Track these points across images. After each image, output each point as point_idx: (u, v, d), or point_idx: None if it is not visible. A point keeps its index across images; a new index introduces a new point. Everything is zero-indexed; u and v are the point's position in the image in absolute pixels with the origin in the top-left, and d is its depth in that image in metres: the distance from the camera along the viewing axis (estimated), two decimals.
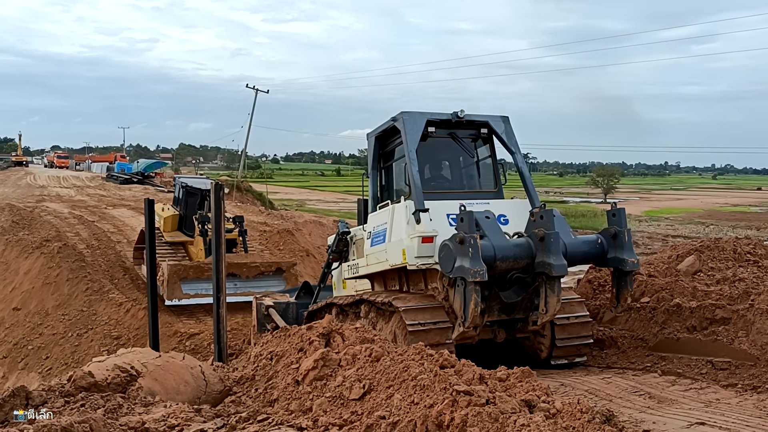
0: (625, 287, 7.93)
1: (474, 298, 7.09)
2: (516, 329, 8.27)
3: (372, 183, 9.63)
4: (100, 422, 4.02)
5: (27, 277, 18.86)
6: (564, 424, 3.70)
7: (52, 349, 16.29)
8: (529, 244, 7.46)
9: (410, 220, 8.13)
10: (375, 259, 8.99)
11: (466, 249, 7.08)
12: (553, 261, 7.23)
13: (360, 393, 5.04)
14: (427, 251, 7.89)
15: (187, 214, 19.44)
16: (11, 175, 61.41)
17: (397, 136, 8.96)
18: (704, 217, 61.38)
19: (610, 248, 7.83)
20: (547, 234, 7.30)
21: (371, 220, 9.34)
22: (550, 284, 7.39)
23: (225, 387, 6.50)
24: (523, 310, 7.94)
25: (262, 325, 11.66)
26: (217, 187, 11.57)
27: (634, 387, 6.94)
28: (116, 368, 5.91)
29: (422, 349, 5.32)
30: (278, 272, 17.72)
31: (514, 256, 7.40)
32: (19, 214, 28.27)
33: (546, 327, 8.20)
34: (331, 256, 10.56)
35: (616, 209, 7.98)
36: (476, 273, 7.00)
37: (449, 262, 7.31)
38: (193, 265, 17.19)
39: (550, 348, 8.34)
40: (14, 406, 5.12)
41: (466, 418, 3.90)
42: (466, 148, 9.22)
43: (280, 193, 69.49)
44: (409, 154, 8.34)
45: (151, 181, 52.28)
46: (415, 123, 8.52)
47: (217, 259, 11.21)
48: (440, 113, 8.78)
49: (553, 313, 7.51)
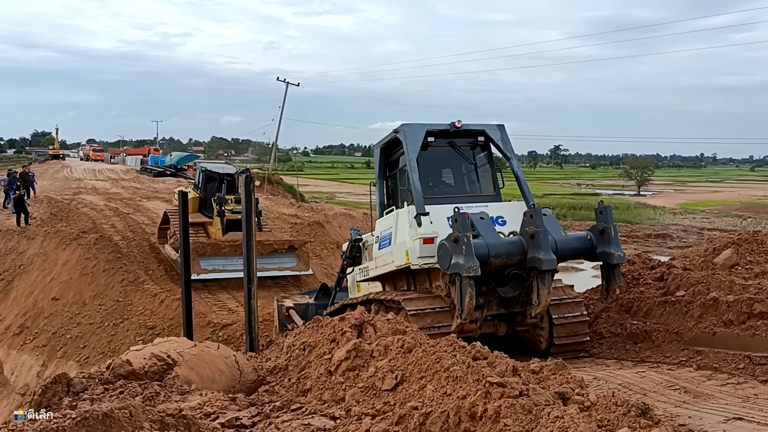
0: (613, 279, 8.39)
1: (468, 292, 7.63)
2: (515, 322, 8.77)
3: (379, 191, 10.32)
4: (139, 409, 4.11)
5: (65, 267, 19.31)
6: (599, 416, 3.68)
7: (89, 339, 16.68)
8: (521, 241, 7.99)
9: (412, 224, 8.73)
10: (383, 261, 9.62)
11: (460, 247, 7.62)
12: (543, 256, 7.75)
13: (392, 384, 5.07)
14: (428, 252, 8.46)
15: (206, 196, 20.57)
16: (49, 168, 62.78)
17: (400, 147, 9.49)
18: (741, 209, 60.04)
19: (599, 243, 8.29)
20: (536, 231, 7.83)
21: (379, 225, 10.04)
22: (541, 278, 7.90)
23: (258, 376, 6.59)
24: (520, 304, 8.46)
25: (284, 326, 12.20)
26: (247, 180, 11.70)
27: (669, 381, 6.84)
28: (153, 357, 6.04)
29: (454, 341, 5.33)
30: (291, 249, 19.03)
31: (506, 253, 7.94)
32: (57, 206, 28.97)
33: (544, 320, 8.72)
34: (345, 262, 11.15)
35: (603, 207, 8.44)
36: (470, 268, 7.56)
37: (446, 260, 7.86)
38: (211, 242, 18.58)
39: (548, 340, 8.79)
40: (56, 392, 5.28)
41: (499, 410, 3.90)
42: (464, 156, 9.79)
43: (311, 185, 69.88)
44: (410, 162, 8.88)
45: (183, 173, 52.87)
46: (415, 134, 9.08)
47: (248, 250, 11.35)
48: (439, 124, 9.35)
49: (545, 304, 8.04)
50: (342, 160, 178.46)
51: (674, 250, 32.04)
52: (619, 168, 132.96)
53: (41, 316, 17.87)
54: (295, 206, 33.87)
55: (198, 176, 22.14)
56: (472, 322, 8.26)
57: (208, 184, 20.71)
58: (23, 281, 19.81)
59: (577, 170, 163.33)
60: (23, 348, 17.12)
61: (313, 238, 23.83)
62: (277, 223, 25.55)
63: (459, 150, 9.70)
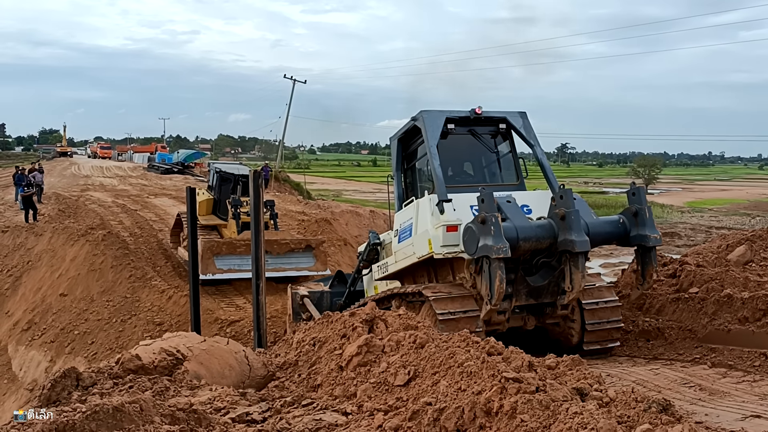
0: (649, 263, 8.02)
1: (498, 275, 7.23)
2: (545, 314, 8.35)
3: (397, 184, 9.95)
4: (149, 403, 4.05)
5: (73, 263, 19.32)
6: (618, 412, 3.60)
7: (97, 335, 16.68)
8: (551, 224, 7.65)
9: (434, 212, 8.34)
10: (403, 254, 9.20)
11: (488, 228, 7.26)
12: (575, 237, 7.41)
13: (405, 379, 5.01)
14: (452, 240, 8.05)
15: (221, 198, 20.22)
16: (57, 165, 62.94)
17: (418, 136, 9.21)
18: (750, 208, 59.64)
19: (632, 226, 7.95)
20: (567, 212, 7.49)
21: (398, 218, 9.64)
22: (574, 261, 7.55)
23: (268, 372, 6.53)
24: (550, 294, 8.08)
25: (297, 315, 11.83)
26: (255, 175, 11.64)
27: (684, 378, 6.76)
28: (163, 352, 5.99)
29: (468, 336, 5.26)
30: (308, 249, 18.45)
31: (536, 236, 7.59)
32: (65, 202, 29.05)
33: (575, 311, 8.30)
34: (362, 264, 10.87)
35: (636, 188, 8.11)
36: (499, 249, 7.18)
37: (473, 244, 7.48)
38: (226, 241, 17.95)
39: (580, 332, 8.35)
40: (65, 387, 5.24)
41: (515, 406, 3.83)
42: (485, 144, 9.41)
43: (317, 183, 69.84)
44: (430, 149, 8.56)
45: (191, 171, 52.96)
46: (434, 120, 8.76)
47: (256, 247, 11.28)
48: (459, 111, 9.01)
49: (578, 289, 7.64)
50: (349, 157, 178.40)
51: (682, 248, 31.81)
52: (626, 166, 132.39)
53: (49, 312, 17.88)
54: (302, 203, 33.86)
55: (211, 177, 21.71)
56: (500, 313, 7.89)
57: (223, 186, 20.30)
58: (31, 277, 19.84)
59: (584, 168, 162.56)
60: (31, 344, 17.14)
61: (320, 235, 23.78)
62: (285, 220, 25.49)
63: (480, 138, 9.36)
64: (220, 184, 20.41)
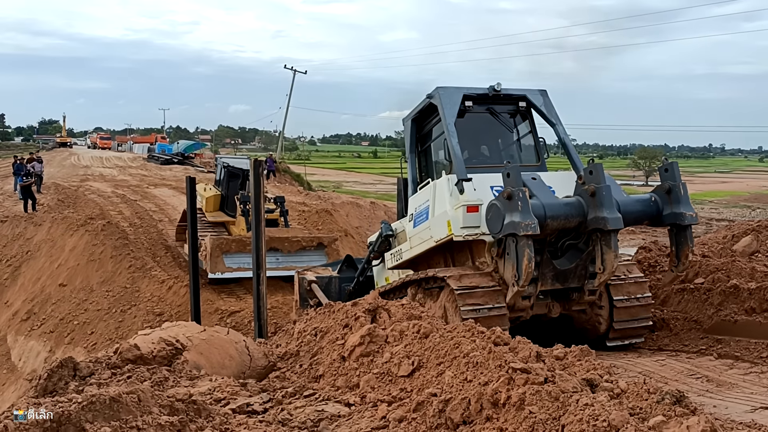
0: (685, 243, 7.55)
1: (527, 253, 6.77)
2: (571, 300, 7.88)
3: (411, 166, 9.46)
4: (147, 393, 3.95)
5: (72, 253, 19.22)
6: (630, 404, 3.50)
7: (96, 325, 16.61)
8: (580, 202, 7.22)
9: (453, 192, 7.90)
10: (419, 239, 8.70)
11: (515, 203, 6.84)
12: (607, 214, 6.97)
13: (409, 370, 4.91)
14: (472, 221, 7.61)
15: (228, 194, 19.51)
16: (56, 156, 62.77)
17: (433, 116, 8.83)
18: (750, 200, 59.57)
19: (665, 205, 7.55)
20: (597, 188, 7.06)
21: (412, 202, 9.14)
22: (606, 240, 7.12)
23: (269, 362, 6.44)
24: (577, 278, 7.61)
25: (305, 300, 11.47)
26: (256, 164, 11.53)
27: (690, 370, 6.67)
28: (162, 341, 5.89)
29: (472, 326, 5.16)
30: (320, 247, 17.58)
31: (565, 214, 7.17)
32: (64, 192, 28.94)
33: (603, 298, 7.89)
34: (372, 255, 10.47)
35: (668, 164, 7.68)
36: (527, 226, 6.73)
37: (498, 222, 7.04)
38: (236, 238, 17.20)
39: (608, 321, 7.92)
40: (62, 376, 5.15)
41: (523, 397, 3.73)
42: (504, 123, 8.96)
43: (317, 174, 69.69)
44: (448, 126, 8.15)
45: (191, 161, 52.83)
46: (451, 97, 8.35)
47: (257, 236, 11.18)
48: (477, 88, 8.59)
49: (611, 270, 7.19)
50: (349, 149, 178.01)
51: None
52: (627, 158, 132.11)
53: (49, 302, 17.81)
54: (302, 194, 33.75)
55: (219, 172, 20.96)
56: (525, 298, 7.41)
57: (231, 181, 19.57)
58: (31, 267, 19.75)
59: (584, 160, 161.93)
60: (31, 334, 17.07)
61: (321, 226, 23.68)
62: None
63: (498, 117, 8.90)
64: (228, 180, 19.69)
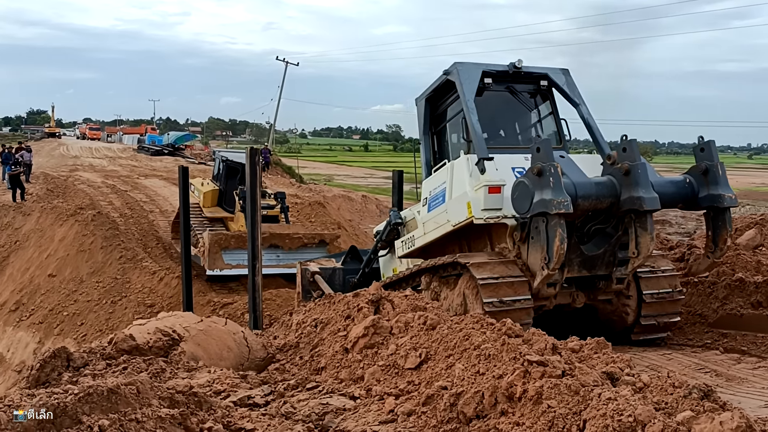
0: (723, 227, 7.12)
1: (559, 233, 6.28)
2: (597, 289, 7.42)
3: (424, 149, 8.99)
4: (146, 385, 3.77)
5: (62, 244, 18.93)
6: (655, 398, 3.35)
7: (86, 316, 16.35)
8: (612, 181, 6.78)
9: (473, 172, 7.42)
10: (434, 224, 8.21)
11: (546, 179, 6.35)
12: (643, 194, 6.52)
13: (416, 362, 4.75)
14: (494, 203, 7.13)
15: (227, 189, 18.96)
16: (45, 146, 62.12)
17: (449, 95, 8.47)
18: (740, 196, 58.77)
19: (701, 186, 7.11)
20: (632, 166, 6.61)
21: (426, 186, 8.70)
22: (641, 222, 6.67)
23: (268, 354, 6.27)
24: (605, 265, 7.18)
25: (308, 292, 11.12)
26: (252, 152, 11.30)
27: (698, 364, 6.55)
28: (158, 332, 5.71)
29: (481, 318, 5.00)
30: (321, 244, 17.05)
31: (596, 194, 6.70)
32: (53, 182, 28.57)
33: (631, 287, 7.47)
34: (379, 244, 10.09)
35: (705, 143, 7.19)
36: (560, 204, 6.25)
37: (525, 200, 6.56)
38: (235, 234, 16.61)
39: (636, 312, 7.46)
40: (55, 367, 4.95)
41: (541, 391, 3.57)
42: (524, 103, 8.56)
43: (308, 167, 69.33)
44: (467, 103, 7.70)
45: (181, 153, 52.46)
46: (470, 74, 7.94)
47: (253, 226, 10.98)
48: (496, 64, 8.21)
49: (646, 254, 6.73)
50: (340, 142, 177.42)
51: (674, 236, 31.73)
52: None
53: (38, 293, 17.53)
54: (295, 186, 33.54)
55: (217, 166, 20.31)
56: (550, 286, 6.94)
57: (230, 176, 18.94)
58: (19, 257, 19.46)
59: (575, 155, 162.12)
60: (19, 325, 16.80)
61: (314, 218, 23.48)
62: None
63: (518, 96, 8.46)
64: (227, 174, 19.08)
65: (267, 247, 15.04)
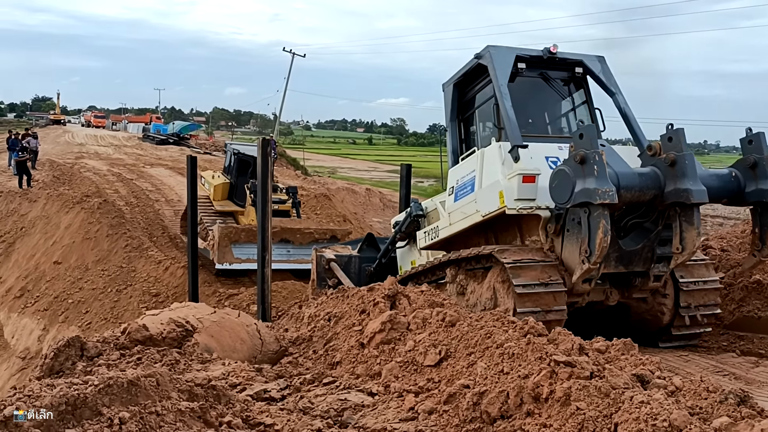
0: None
1: (602, 225, 5.95)
2: (633, 287, 7.06)
3: (451, 136, 8.64)
4: (166, 377, 3.70)
5: (68, 231, 18.88)
6: (689, 403, 3.28)
7: (91, 304, 16.30)
8: (656, 173, 6.41)
9: (506, 160, 7.08)
10: (461, 214, 7.85)
11: (590, 167, 6.03)
12: (691, 186, 6.17)
13: (436, 359, 4.67)
14: (528, 192, 6.82)
15: (237, 182, 18.74)
16: (50, 133, 62.09)
17: (479, 80, 8.16)
18: None
19: (749, 181, 6.73)
20: (679, 156, 6.23)
21: (453, 174, 8.32)
22: (687, 216, 6.34)
23: (281, 347, 6.20)
24: (643, 261, 6.84)
25: (323, 280, 10.86)
26: (263, 143, 11.22)
27: (715, 366, 6.47)
28: (171, 322, 5.63)
29: (502, 315, 4.93)
30: (332, 240, 16.64)
31: (640, 185, 6.35)
32: (59, 169, 28.53)
33: (667, 285, 7.14)
34: (398, 235, 9.82)
35: (753, 135, 6.79)
36: (605, 194, 5.93)
37: (566, 190, 6.21)
38: (245, 227, 16.39)
39: (673, 311, 7.17)
40: (69, 356, 4.88)
41: (569, 392, 3.50)
42: (558, 91, 8.24)
43: (312, 159, 69.26)
44: (501, 88, 7.38)
45: (186, 142, 52.38)
46: (503, 58, 7.63)
47: (263, 218, 10.91)
48: (530, 49, 7.92)
49: (691, 251, 6.41)
50: (344, 135, 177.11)
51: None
52: None
53: (43, 280, 17.49)
54: (300, 178, 33.46)
55: (228, 159, 20.07)
56: (586, 281, 6.60)
57: (241, 168, 18.71)
58: (25, 244, 19.41)
59: None
60: (24, 311, 16.76)
61: (319, 210, 23.41)
62: None
63: (551, 83, 8.16)
64: (238, 167, 18.83)
65: (278, 241, 14.83)
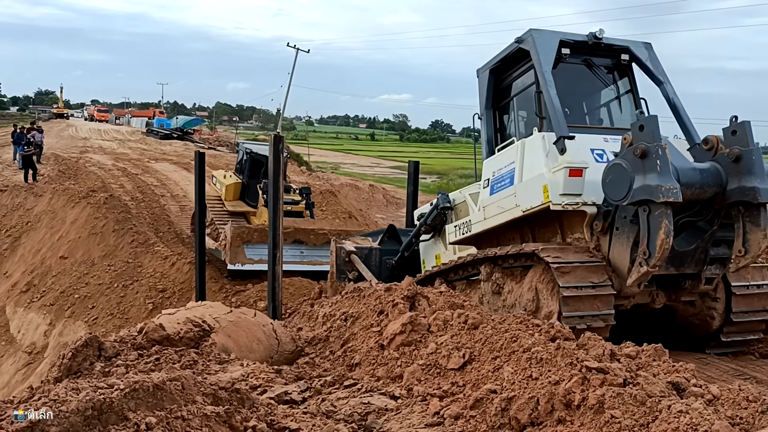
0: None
1: (665, 225, 5.52)
2: (682, 289, 6.61)
3: (486, 125, 8.15)
4: (191, 381, 3.64)
5: (74, 226, 18.83)
6: (728, 413, 3.21)
7: (98, 299, 16.25)
8: (717, 169, 6.00)
9: (550, 152, 6.66)
10: (497, 208, 7.38)
11: (652, 162, 5.60)
12: (759, 184, 5.76)
13: (460, 362, 4.60)
14: (575, 187, 6.35)
15: (249, 182, 18.52)
16: (53, 127, 62.05)
17: (520, 65, 7.71)
18: None
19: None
20: (745, 152, 5.83)
21: (488, 166, 7.86)
22: (752, 216, 5.93)
23: (297, 347, 6.15)
24: (695, 263, 6.40)
25: (342, 273, 10.47)
26: (276, 139, 11.13)
27: (736, 370, 6.40)
28: (188, 322, 5.58)
29: (526, 318, 4.86)
30: None
31: (701, 182, 5.94)
32: (64, 164, 28.50)
33: (718, 288, 6.72)
34: (423, 228, 9.47)
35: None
36: (668, 191, 5.49)
37: (623, 186, 5.80)
38: (258, 228, 16.03)
39: (723, 315, 6.77)
40: (87, 356, 4.82)
41: (602, 399, 3.43)
42: (602, 78, 7.85)
43: (315, 155, 69.20)
44: (544, 75, 6.94)
45: (190, 137, 52.35)
46: (547, 42, 7.18)
47: (275, 215, 10.82)
48: (574, 34, 7.54)
49: (756, 253, 5.97)
50: (346, 131, 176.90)
51: None
52: None
53: (49, 275, 17.44)
54: (305, 174, 33.39)
55: (241, 158, 19.73)
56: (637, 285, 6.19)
57: (253, 168, 18.40)
58: (30, 238, 19.36)
59: None
60: (30, 306, 16.72)
61: (325, 207, 23.35)
62: None
63: (596, 70, 7.74)
64: (251, 167, 18.52)
65: (291, 242, 14.62)
